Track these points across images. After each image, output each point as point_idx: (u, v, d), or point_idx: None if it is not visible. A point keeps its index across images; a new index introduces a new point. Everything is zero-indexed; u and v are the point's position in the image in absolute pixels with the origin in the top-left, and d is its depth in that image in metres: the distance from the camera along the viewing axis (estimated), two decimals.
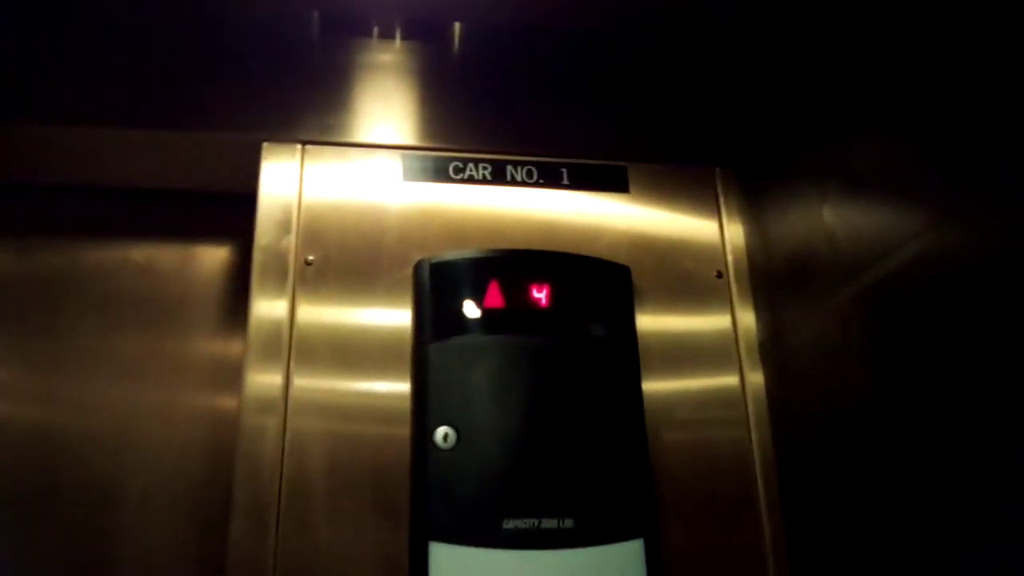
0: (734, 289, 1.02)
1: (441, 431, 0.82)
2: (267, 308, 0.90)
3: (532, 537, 0.79)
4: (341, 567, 0.81)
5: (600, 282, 0.94)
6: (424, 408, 0.84)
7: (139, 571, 0.94)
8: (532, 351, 0.87)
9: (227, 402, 1.00)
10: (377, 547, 0.82)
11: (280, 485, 0.83)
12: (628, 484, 0.85)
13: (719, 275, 1.02)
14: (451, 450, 0.82)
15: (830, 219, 0.85)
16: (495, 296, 0.89)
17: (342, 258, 0.95)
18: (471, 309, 0.88)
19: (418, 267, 0.93)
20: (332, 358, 0.90)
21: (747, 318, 1.00)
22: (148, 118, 0.99)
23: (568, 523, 0.80)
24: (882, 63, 0.78)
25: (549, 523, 0.80)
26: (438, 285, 0.90)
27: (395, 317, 0.92)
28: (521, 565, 0.78)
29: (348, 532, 0.83)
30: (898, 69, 0.76)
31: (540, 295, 0.90)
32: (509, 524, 0.79)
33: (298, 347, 0.89)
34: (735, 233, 1.05)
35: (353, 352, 0.90)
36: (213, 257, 1.10)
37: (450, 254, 0.93)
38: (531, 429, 0.84)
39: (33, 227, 1.08)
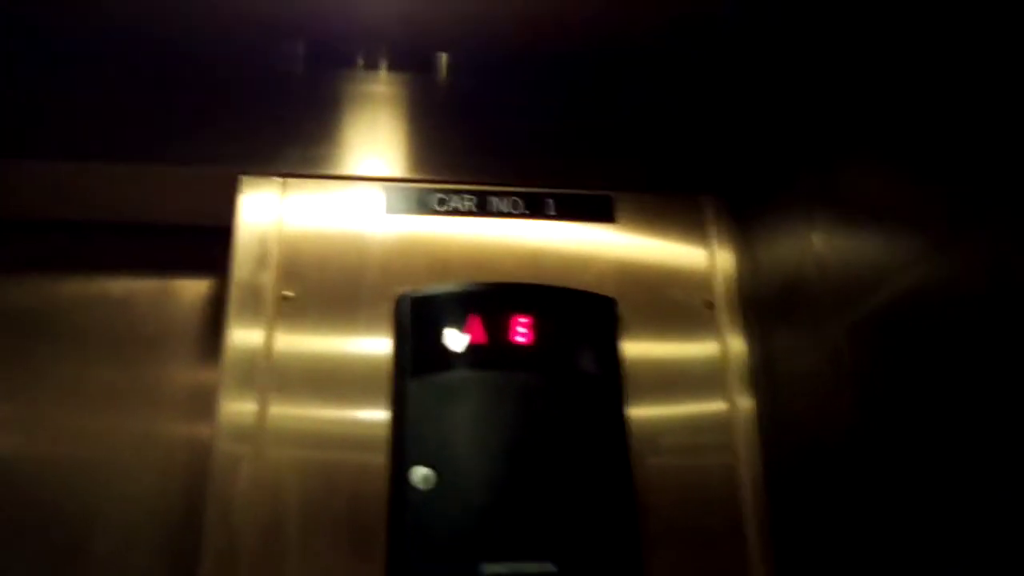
0: (723, 318, 0.99)
1: (420, 472, 0.80)
2: (243, 340, 0.89)
3: None
4: None
5: (584, 315, 0.92)
6: (403, 446, 0.82)
7: None
8: (514, 388, 0.85)
9: (203, 431, 0.97)
10: None
11: (252, 527, 0.81)
12: (612, 524, 0.82)
13: (709, 305, 1.00)
14: (430, 491, 0.79)
15: (819, 247, 0.83)
16: (477, 331, 0.87)
17: (321, 293, 0.93)
18: (452, 345, 0.87)
19: (399, 302, 0.91)
20: (309, 391, 0.88)
21: (736, 344, 0.98)
22: (126, 152, 0.98)
23: (549, 566, 0.77)
24: (870, 91, 0.77)
25: (529, 567, 0.77)
26: (419, 320, 0.89)
27: (375, 350, 0.90)
28: None
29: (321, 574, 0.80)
30: (887, 96, 0.74)
31: (522, 330, 0.88)
32: (488, 568, 0.76)
33: (274, 379, 0.87)
34: (724, 261, 1.03)
35: (331, 384, 0.88)
36: (191, 291, 1.09)
37: (431, 288, 0.91)
38: (512, 470, 0.81)
39: (11, 262, 1.07)
